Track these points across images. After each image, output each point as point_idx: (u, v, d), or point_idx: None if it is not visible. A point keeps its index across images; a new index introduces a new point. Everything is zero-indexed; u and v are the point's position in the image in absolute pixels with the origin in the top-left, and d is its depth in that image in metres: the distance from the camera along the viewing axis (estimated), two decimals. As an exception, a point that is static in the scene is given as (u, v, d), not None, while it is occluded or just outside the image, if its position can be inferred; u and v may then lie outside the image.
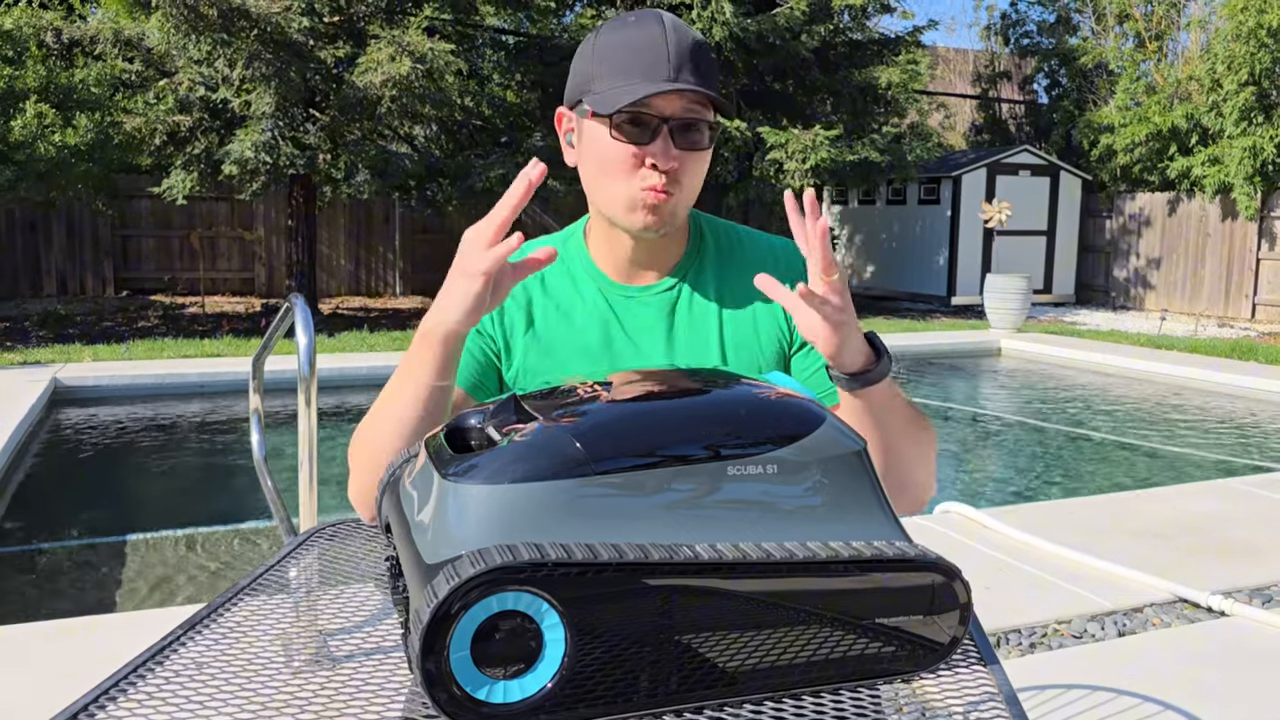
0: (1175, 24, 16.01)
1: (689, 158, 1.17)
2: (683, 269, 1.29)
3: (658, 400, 0.89)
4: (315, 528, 1.27)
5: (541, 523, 0.77)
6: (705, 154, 1.19)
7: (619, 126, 1.15)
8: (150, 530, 4.89)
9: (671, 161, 1.15)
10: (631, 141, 1.15)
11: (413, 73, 10.21)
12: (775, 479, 0.83)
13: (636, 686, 0.78)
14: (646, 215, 1.18)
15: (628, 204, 1.18)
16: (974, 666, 0.89)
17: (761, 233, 1.37)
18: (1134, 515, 4.53)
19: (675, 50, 1.15)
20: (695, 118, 1.16)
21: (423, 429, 1.09)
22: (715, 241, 1.33)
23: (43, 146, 9.44)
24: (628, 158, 1.16)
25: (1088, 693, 2.84)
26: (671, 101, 1.15)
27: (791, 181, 12.47)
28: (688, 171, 1.18)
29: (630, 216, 1.19)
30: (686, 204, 1.21)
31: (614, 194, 1.19)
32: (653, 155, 1.15)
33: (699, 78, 1.15)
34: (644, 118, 1.15)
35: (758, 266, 1.31)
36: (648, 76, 1.14)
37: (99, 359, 8.56)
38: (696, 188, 1.21)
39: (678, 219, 1.22)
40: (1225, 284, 14.25)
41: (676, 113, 1.15)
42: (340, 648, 0.93)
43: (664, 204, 1.17)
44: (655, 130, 1.15)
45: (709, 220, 1.35)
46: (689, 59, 1.15)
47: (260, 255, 14.72)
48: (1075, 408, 8.53)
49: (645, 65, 1.14)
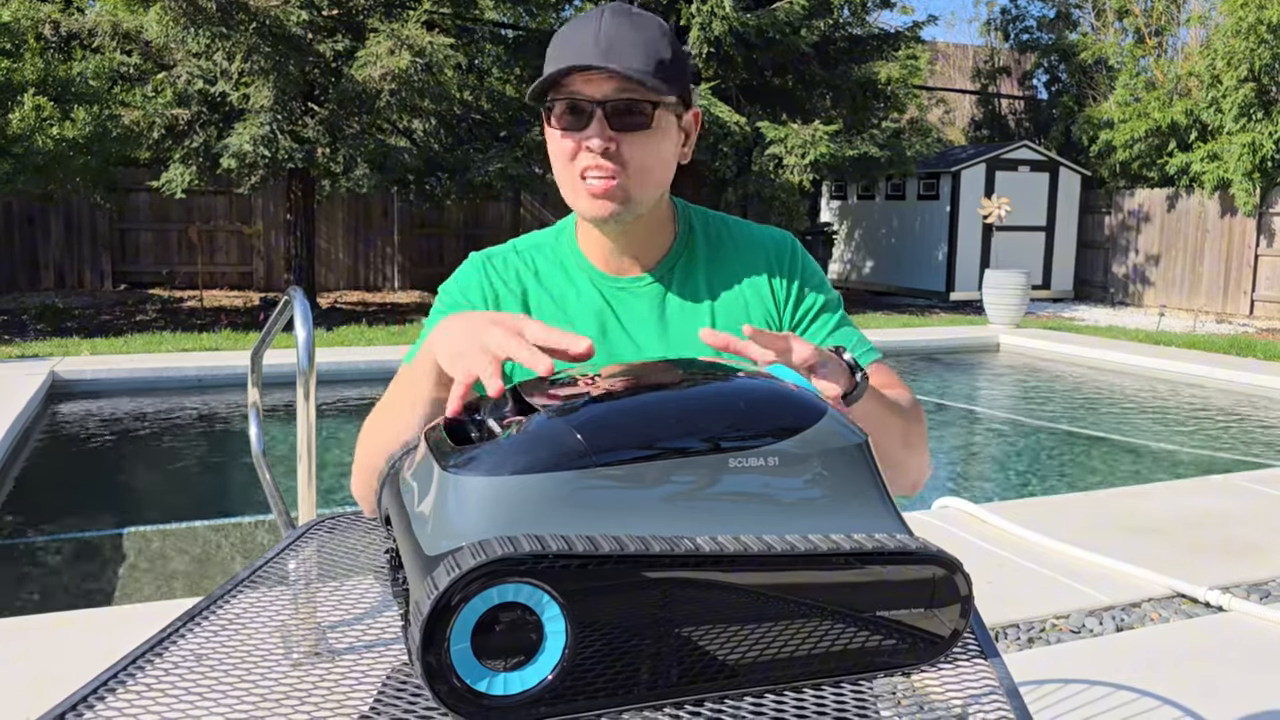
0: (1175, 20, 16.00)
1: (629, 139, 1.15)
2: (671, 260, 1.29)
3: (658, 392, 0.89)
4: (314, 520, 1.27)
5: (542, 515, 0.76)
6: (651, 135, 1.16)
7: (558, 116, 1.15)
8: (148, 523, 4.89)
9: (606, 143, 1.14)
10: (568, 129, 1.15)
11: (412, 66, 10.19)
12: (776, 471, 0.83)
13: (637, 679, 0.77)
14: (593, 202, 1.17)
15: (574, 192, 1.18)
16: (975, 660, 0.89)
17: (751, 223, 1.36)
18: (1132, 511, 4.53)
19: (607, 34, 1.13)
20: (631, 97, 1.14)
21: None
22: (704, 232, 1.32)
23: (41, 139, 9.42)
24: (568, 145, 1.16)
25: (1086, 687, 2.84)
26: (601, 85, 1.13)
27: (791, 176, 12.46)
28: (632, 152, 1.15)
29: (580, 204, 1.19)
30: (644, 187, 1.18)
31: (564, 184, 1.19)
32: (586, 139, 1.14)
33: (633, 61, 1.13)
34: (579, 104, 1.14)
35: (747, 256, 1.31)
36: (571, 60, 1.13)
37: (97, 352, 8.55)
38: (649, 169, 1.18)
39: (637, 204, 1.19)
40: (1224, 280, 14.25)
41: (609, 94, 1.13)
42: (339, 640, 0.92)
43: (611, 189, 1.16)
44: (590, 116, 1.14)
45: (698, 211, 1.34)
46: (624, 43, 1.13)
47: (259, 249, 14.70)
48: (1073, 403, 8.53)
49: (574, 51, 1.13)
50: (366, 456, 1.14)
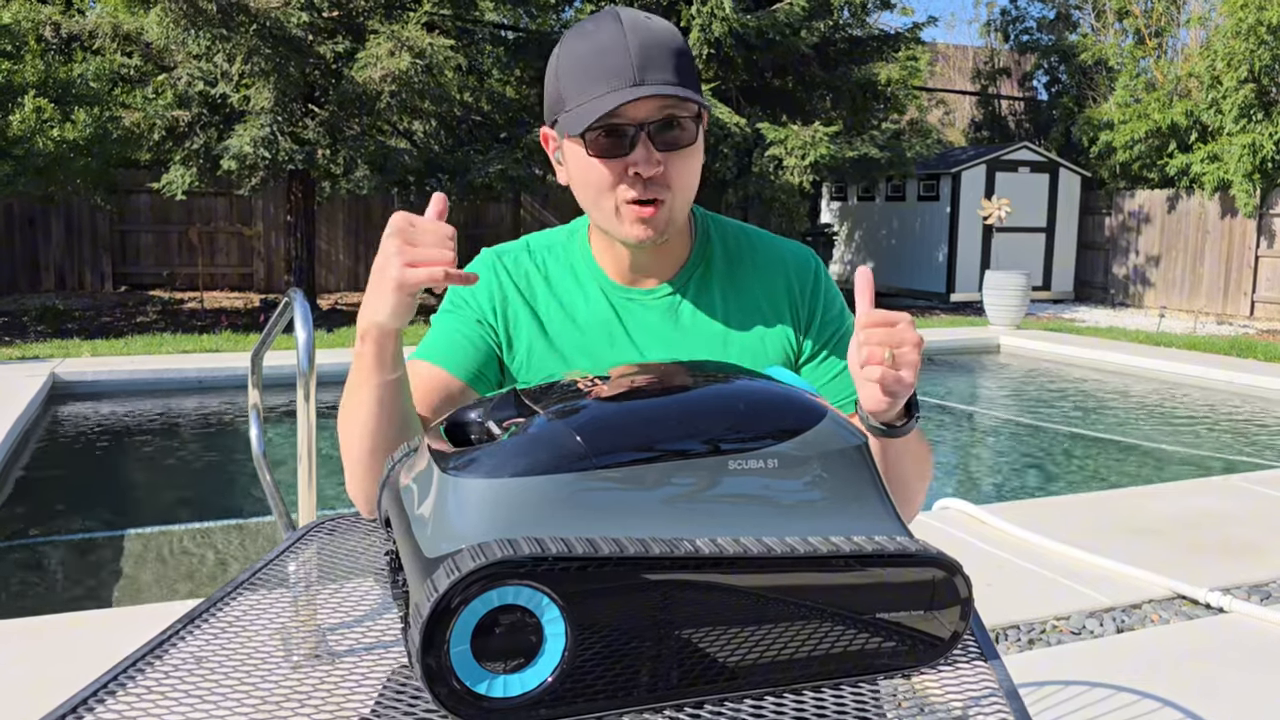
0: (1175, 21, 16.00)
1: (674, 158, 1.12)
2: (687, 273, 1.25)
3: (658, 395, 0.89)
4: (314, 522, 1.27)
5: (542, 517, 0.76)
6: (693, 150, 1.14)
7: (594, 143, 1.11)
8: (149, 525, 4.89)
9: (655, 167, 1.10)
10: (610, 155, 1.11)
11: (412, 68, 10.19)
12: (776, 474, 0.83)
13: (637, 681, 0.77)
14: (638, 228, 1.14)
15: (618, 219, 1.15)
16: (975, 662, 0.89)
17: (776, 237, 1.32)
18: (1133, 512, 4.53)
19: (637, 50, 1.09)
20: (672, 114, 1.11)
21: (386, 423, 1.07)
22: (723, 244, 1.28)
23: (41, 141, 9.42)
24: (609, 173, 1.12)
25: (1086, 689, 2.84)
26: (642, 106, 1.09)
27: (791, 177, 12.46)
28: (676, 172, 1.13)
29: (623, 230, 1.15)
30: (682, 206, 1.17)
31: (604, 210, 1.15)
32: (634, 164, 1.10)
33: (667, 73, 1.10)
34: (619, 128, 1.10)
35: (767, 272, 1.27)
36: (612, 85, 1.08)
37: (97, 354, 8.55)
38: (690, 186, 1.16)
39: (675, 224, 1.17)
40: (1224, 281, 14.25)
41: (651, 115, 1.10)
42: (339, 643, 0.92)
43: (655, 215, 1.13)
44: (633, 139, 1.10)
45: (718, 221, 1.30)
46: (654, 56, 1.09)
47: (259, 251, 14.70)
48: (1073, 404, 8.53)
49: (608, 73, 1.09)
50: (351, 455, 1.13)
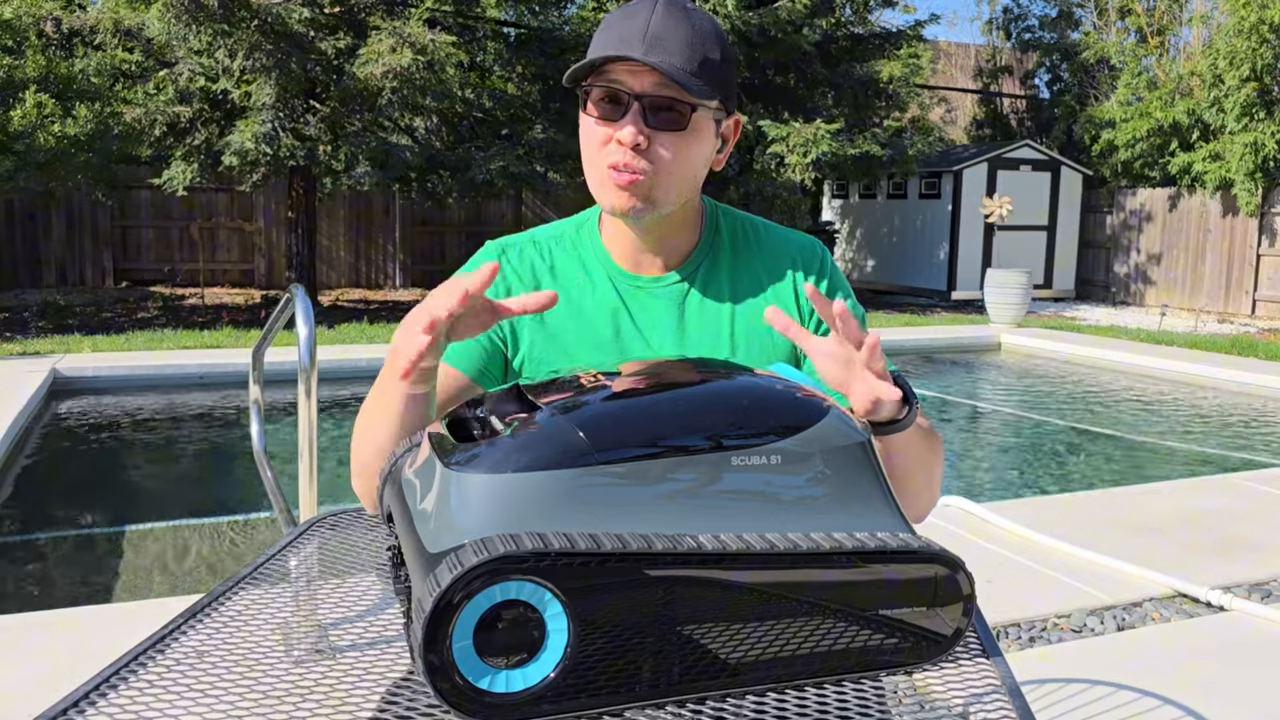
0: (1177, 19, 15.98)
1: (661, 137, 1.13)
2: (695, 261, 1.26)
3: (661, 390, 0.89)
4: (315, 518, 1.27)
5: (544, 512, 0.76)
6: (685, 136, 1.14)
7: (595, 102, 1.14)
8: (150, 521, 4.89)
9: (638, 137, 1.11)
10: (603, 117, 1.13)
11: (413, 64, 10.19)
12: (778, 470, 0.83)
13: (639, 677, 0.77)
14: (617, 194, 1.15)
15: (600, 182, 1.16)
16: (976, 659, 0.89)
17: (781, 228, 1.33)
18: (1134, 510, 4.53)
19: (655, 26, 1.11)
20: (670, 95, 1.12)
21: (402, 431, 1.07)
22: (732, 235, 1.29)
23: (42, 137, 9.42)
24: (600, 134, 1.14)
25: (1087, 687, 2.84)
26: (644, 78, 1.11)
27: (793, 175, 12.46)
28: (663, 151, 1.13)
29: (603, 196, 1.17)
30: (669, 186, 1.16)
31: (592, 174, 1.17)
32: (619, 130, 1.12)
33: (676, 58, 1.10)
34: (618, 94, 1.12)
35: (774, 262, 1.28)
36: (617, 49, 1.10)
37: (98, 350, 8.56)
38: (678, 172, 1.16)
39: (659, 204, 1.16)
40: (1225, 280, 14.24)
41: (648, 89, 1.11)
42: (341, 638, 0.92)
43: (636, 184, 1.14)
44: (627, 106, 1.12)
45: (727, 212, 1.31)
46: (671, 38, 1.11)
47: (260, 247, 14.70)
48: (1075, 403, 8.53)
49: (619, 38, 1.11)
50: (359, 456, 1.13)
